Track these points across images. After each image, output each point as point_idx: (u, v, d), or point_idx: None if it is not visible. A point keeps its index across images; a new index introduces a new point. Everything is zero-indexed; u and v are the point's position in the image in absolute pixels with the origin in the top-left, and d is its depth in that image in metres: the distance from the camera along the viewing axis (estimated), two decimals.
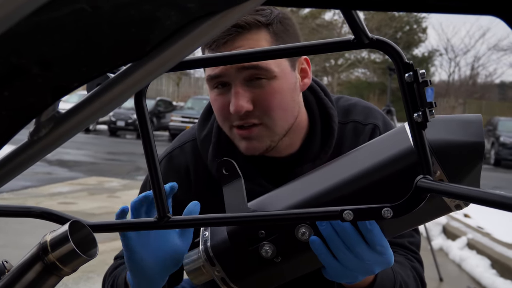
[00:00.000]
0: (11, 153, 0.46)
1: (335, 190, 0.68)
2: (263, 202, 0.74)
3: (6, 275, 0.50)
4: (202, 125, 1.10)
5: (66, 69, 0.40)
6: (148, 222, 0.57)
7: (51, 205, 5.29)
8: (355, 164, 0.69)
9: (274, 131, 0.96)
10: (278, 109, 0.94)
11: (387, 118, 1.10)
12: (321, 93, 1.06)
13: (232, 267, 0.72)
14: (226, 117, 0.95)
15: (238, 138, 0.96)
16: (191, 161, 1.07)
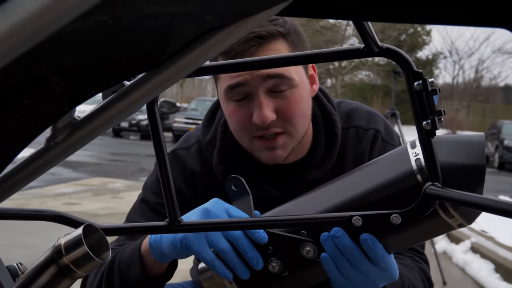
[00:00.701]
0: (28, 158, 0.47)
1: (338, 208, 0.71)
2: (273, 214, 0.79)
3: (20, 277, 0.51)
4: (206, 129, 1.11)
5: (84, 78, 0.41)
6: (159, 226, 0.58)
7: (55, 205, 5.31)
8: (358, 185, 0.72)
9: (296, 139, 0.98)
10: (299, 117, 0.96)
11: (388, 123, 1.11)
12: (324, 99, 1.08)
13: (243, 280, 0.75)
14: (246, 129, 0.96)
15: (261, 149, 0.97)
16: (197, 164, 1.08)
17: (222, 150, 1.05)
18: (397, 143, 1.06)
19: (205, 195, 1.05)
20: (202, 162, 1.08)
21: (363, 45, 0.50)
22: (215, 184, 1.05)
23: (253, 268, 0.74)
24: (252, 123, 0.94)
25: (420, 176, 0.61)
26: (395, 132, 1.09)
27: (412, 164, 0.61)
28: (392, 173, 0.65)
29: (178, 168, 1.08)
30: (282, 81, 0.93)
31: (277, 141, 0.96)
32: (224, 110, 1.00)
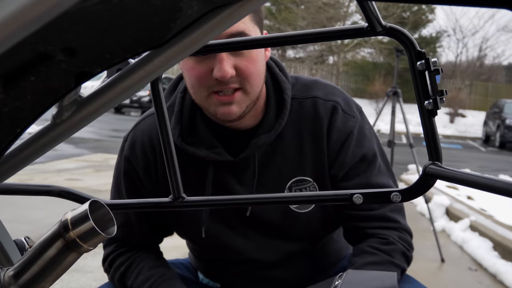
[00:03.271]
0: (35, 135, 0.48)
1: None
2: None
3: (28, 251, 0.52)
4: (167, 97, 1.14)
5: (89, 56, 0.41)
6: (163, 202, 0.59)
7: (57, 181, 5.34)
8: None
9: (250, 97, 1.01)
10: (255, 75, 1.00)
11: (349, 97, 1.14)
12: (276, 68, 1.11)
13: None
14: (204, 84, 0.99)
15: (217, 104, 1.00)
16: (154, 131, 1.11)
17: (180, 114, 1.08)
18: (358, 114, 1.09)
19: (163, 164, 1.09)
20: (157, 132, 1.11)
21: (366, 24, 0.50)
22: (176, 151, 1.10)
23: None
24: (211, 78, 0.97)
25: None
26: (356, 105, 1.12)
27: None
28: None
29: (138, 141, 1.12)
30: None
31: (234, 97, 0.99)
32: (183, 67, 1.03)
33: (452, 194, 5.10)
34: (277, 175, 1.07)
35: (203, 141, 1.07)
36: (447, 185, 5.41)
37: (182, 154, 1.06)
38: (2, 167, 0.48)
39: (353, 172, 1.06)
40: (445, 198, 4.79)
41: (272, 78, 1.10)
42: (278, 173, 1.07)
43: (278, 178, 1.07)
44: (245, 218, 1.09)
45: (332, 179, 1.07)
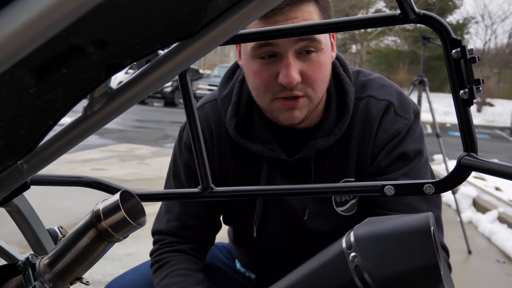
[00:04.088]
0: (66, 127, 0.49)
1: None
2: None
3: (62, 240, 0.53)
4: (223, 85, 1.12)
5: (120, 47, 0.41)
6: (192, 192, 0.59)
7: (84, 171, 5.43)
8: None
9: (313, 103, 0.99)
10: (321, 82, 0.97)
11: (406, 96, 1.09)
12: (340, 69, 1.07)
13: None
14: (270, 89, 0.96)
15: (280, 108, 0.98)
16: (212, 119, 1.10)
17: (237, 105, 1.06)
18: (411, 117, 1.04)
19: (220, 149, 1.09)
20: (217, 117, 1.10)
21: (398, 11, 0.49)
22: (229, 139, 1.07)
23: None
24: (276, 83, 0.95)
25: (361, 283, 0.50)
26: (414, 107, 1.06)
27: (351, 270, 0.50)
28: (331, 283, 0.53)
29: None
30: (311, 43, 0.93)
31: (298, 102, 0.97)
32: (247, 68, 1.00)
33: (479, 185, 5.00)
34: (328, 177, 1.05)
35: (258, 136, 1.05)
36: (474, 176, 5.32)
37: (236, 147, 1.06)
38: (35, 158, 0.49)
39: (390, 169, 1.02)
40: (472, 189, 4.70)
41: (335, 78, 1.06)
42: (329, 175, 1.05)
43: (329, 180, 1.05)
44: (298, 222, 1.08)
45: (370, 177, 1.04)
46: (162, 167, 6.01)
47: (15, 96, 0.43)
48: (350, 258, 0.50)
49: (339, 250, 0.53)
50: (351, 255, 0.50)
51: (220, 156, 1.09)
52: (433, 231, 0.48)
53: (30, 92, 0.43)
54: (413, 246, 0.48)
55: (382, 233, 0.51)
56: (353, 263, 0.50)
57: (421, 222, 0.49)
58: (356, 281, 0.49)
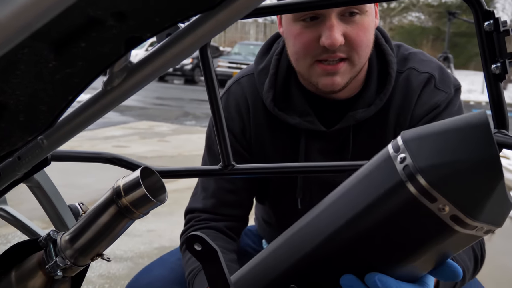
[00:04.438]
0: (86, 102, 0.48)
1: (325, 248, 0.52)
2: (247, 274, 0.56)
3: (82, 217, 0.53)
4: (260, 58, 1.10)
5: (139, 20, 0.40)
6: (213, 169, 0.59)
7: (105, 147, 5.50)
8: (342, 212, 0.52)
9: (355, 69, 0.96)
10: (365, 45, 0.95)
11: (447, 73, 1.06)
12: (382, 40, 1.04)
13: None
14: (310, 52, 0.94)
15: (320, 73, 0.96)
16: (249, 93, 1.08)
17: (274, 77, 1.05)
18: (452, 91, 1.01)
19: (257, 124, 1.07)
20: (253, 91, 1.08)
21: None
22: (266, 113, 1.06)
23: None
24: (318, 45, 0.92)
25: (413, 186, 0.44)
26: (454, 82, 1.03)
27: (399, 172, 0.45)
28: (378, 190, 0.48)
29: (233, 103, 1.09)
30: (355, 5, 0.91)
31: (339, 67, 0.95)
32: (288, 33, 0.98)
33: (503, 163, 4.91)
34: (366, 149, 1.03)
35: (296, 108, 1.03)
36: None
37: (273, 120, 1.04)
38: (55, 134, 0.48)
39: None
40: None
41: (377, 49, 1.03)
42: (367, 148, 1.03)
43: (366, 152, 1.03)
44: None
45: None
46: (182, 144, 6.05)
47: (34, 70, 0.42)
48: (398, 160, 0.46)
49: (385, 155, 0.48)
50: (399, 157, 0.46)
51: (256, 130, 1.07)
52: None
53: (49, 66, 0.43)
54: (470, 140, 0.44)
55: (434, 131, 0.46)
56: (401, 165, 0.45)
57: (476, 116, 0.45)
58: (408, 184, 0.44)
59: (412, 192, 0.44)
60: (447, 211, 0.43)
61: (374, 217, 0.47)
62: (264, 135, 1.07)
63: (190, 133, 6.84)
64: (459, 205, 0.43)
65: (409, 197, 0.44)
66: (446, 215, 0.43)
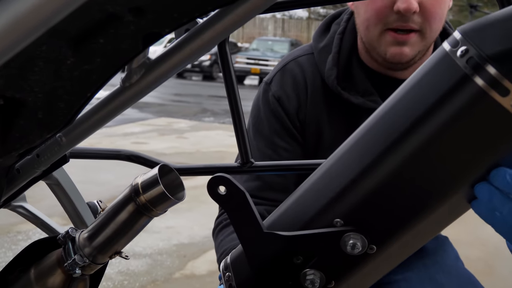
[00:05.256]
0: (104, 99, 0.48)
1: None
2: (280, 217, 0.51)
3: (101, 214, 0.53)
4: (320, 37, 1.09)
5: (158, 15, 0.39)
6: (232, 166, 0.58)
7: (124, 144, 5.55)
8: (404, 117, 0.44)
9: (426, 41, 0.95)
10: (438, 19, 0.94)
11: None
12: (446, 24, 1.04)
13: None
14: (382, 19, 0.93)
15: (390, 42, 0.95)
16: (308, 72, 1.06)
17: (338, 55, 1.03)
18: None
19: (315, 104, 1.04)
20: (313, 70, 1.06)
21: None
22: (326, 93, 1.04)
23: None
24: (391, 12, 0.92)
25: (480, 78, 0.39)
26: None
27: (462, 66, 0.40)
28: (438, 93, 0.41)
29: (289, 81, 1.06)
30: None
31: (410, 37, 0.93)
32: (359, 3, 0.97)
33: None
34: None
35: (358, 87, 1.01)
36: None
37: (331, 100, 1.02)
38: (74, 131, 0.48)
39: None
40: None
41: (442, 32, 1.02)
42: None
43: None
44: None
45: None
46: (201, 141, 6.07)
47: (52, 67, 0.42)
48: (458, 54, 0.40)
49: (441, 54, 0.42)
50: (459, 51, 0.40)
51: (314, 109, 1.04)
52: None
53: (68, 63, 0.42)
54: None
55: (495, 19, 0.40)
56: (463, 58, 0.40)
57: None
58: (476, 78, 0.39)
59: (481, 86, 0.38)
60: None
61: (435, 125, 0.41)
62: (322, 115, 1.04)
63: (208, 130, 6.86)
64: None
65: (477, 93, 0.39)
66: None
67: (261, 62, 14.59)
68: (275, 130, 1.03)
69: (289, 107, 1.03)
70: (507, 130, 0.40)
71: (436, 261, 1.06)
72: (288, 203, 0.51)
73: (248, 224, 0.48)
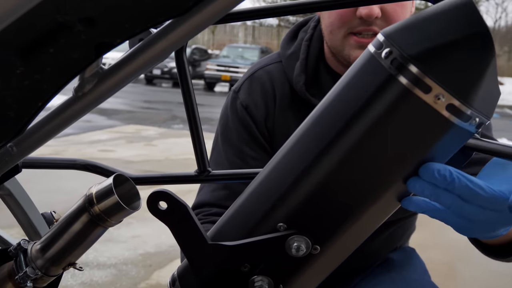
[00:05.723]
0: (57, 108, 0.47)
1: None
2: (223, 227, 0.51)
3: (55, 225, 0.52)
4: (287, 44, 1.09)
5: (109, 26, 0.39)
6: (189, 175, 0.58)
7: (91, 152, 5.45)
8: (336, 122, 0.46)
9: None
10: None
11: None
12: None
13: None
14: (345, 23, 0.95)
15: (353, 46, 0.96)
16: (276, 80, 1.06)
17: (305, 62, 1.04)
18: None
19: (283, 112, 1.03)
20: (281, 78, 1.06)
21: None
22: (294, 100, 1.04)
23: None
24: (354, 17, 0.93)
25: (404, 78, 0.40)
26: None
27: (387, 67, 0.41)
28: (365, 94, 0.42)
29: (258, 89, 1.06)
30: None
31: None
32: None
33: None
34: None
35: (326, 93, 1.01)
36: None
37: (300, 107, 1.02)
38: (26, 141, 0.47)
39: None
40: None
41: None
42: None
43: None
44: None
45: None
46: (170, 148, 6.02)
47: (1, 76, 0.41)
48: (383, 56, 0.42)
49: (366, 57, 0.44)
50: (383, 52, 0.42)
51: (283, 117, 1.04)
52: None
53: (17, 72, 0.42)
54: (458, 19, 0.40)
55: (416, 19, 0.42)
56: (387, 60, 0.41)
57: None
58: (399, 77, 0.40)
59: (405, 85, 0.40)
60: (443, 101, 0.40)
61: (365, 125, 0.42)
62: (291, 122, 1.03)
63: (177, 137, 6.81)
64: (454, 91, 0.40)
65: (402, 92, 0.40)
66: (441, 105, 0.41)
67: (232, 69, 14.61)
68: (243, 139, 1.03)
69: (257, 115, 1.03)
70: (433, 125, 0.42)
71: (403, 276, 1.07)
72: (231, 212, 0.51)
73: (192, 237, 0.48)
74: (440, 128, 0.42)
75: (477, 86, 0.41)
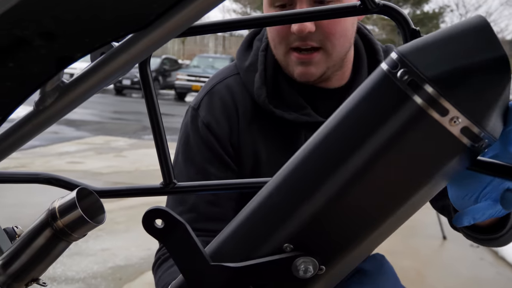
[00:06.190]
0: (17, 122, 0.47)
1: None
2: (223, 247, 0.49)
3: (17, 240, 0.52)
4: (243, 56, 1.07)
5: (69, 40, 0.39)
6: (154, 188, 0.58)
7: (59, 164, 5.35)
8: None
9: (331, 58, 0.96)
10: (339, 35, 0.94)
11: None
12: (367, 31, 1.07)
13: None
14: (284, 38, 0.94)
15: (295, 63, 0.95)
16: (236, 93, 1.03)
17: (264, 73, 1.02)
18: None
19: (246, 125, 1.01)
20: (241, 91, 1.04)
21: (359, 1, 0.48)
22: (256, 112, 1.02)
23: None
24: (290, 32, 0.92)
25: (420, 99, 0.40)
26: None
27: (403, 88, 0.40)
28: (378, 115, 0.42)
29: (218, 104, 1.03)
30: None
31: (313, 57, 0.94)
32: None
33: None
34: None
35: (290, 103, 1.00)
36: None
37: (268, 117, 1.00)
38: None
39: None
40: None
41: (363, 39, 1.04)
42: None
43: None
44: None
45: None
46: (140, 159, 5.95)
47: None
48: (398, 76, 0.40)
49: (379, 76, 0.43)
50: (399, 73, 0.40)
51: (247, 131, 1.02)
52: None
53: None
54: (475, 42, 0.40)
55: (433, 40, 0.41)
56: (403, 80, 0.40)
57: (475, 19, 0.41)
58: (416, 98, 0.39)
59: (421, 106, 0.39)
60: (459, 123, 0.40)
61: (379, 146, 0.41)
62: (256, 135, 1.01)
63: (148, 148, 6.75)
64: (471, 114, 0.40)
65: (417, 112, 0.40)
66: (457, 128, 0.40)
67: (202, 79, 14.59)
68: (206, 158, 1.00)
69: (220, 132, 1.01)
70: (446, 147, 0.41)
71: (377, 286, 1.07)
72: (230, 231, 0.48)
73: (191, 257, 0.46)
74: (453, 150, 0.41)
75: (492, 110, 0.41)
